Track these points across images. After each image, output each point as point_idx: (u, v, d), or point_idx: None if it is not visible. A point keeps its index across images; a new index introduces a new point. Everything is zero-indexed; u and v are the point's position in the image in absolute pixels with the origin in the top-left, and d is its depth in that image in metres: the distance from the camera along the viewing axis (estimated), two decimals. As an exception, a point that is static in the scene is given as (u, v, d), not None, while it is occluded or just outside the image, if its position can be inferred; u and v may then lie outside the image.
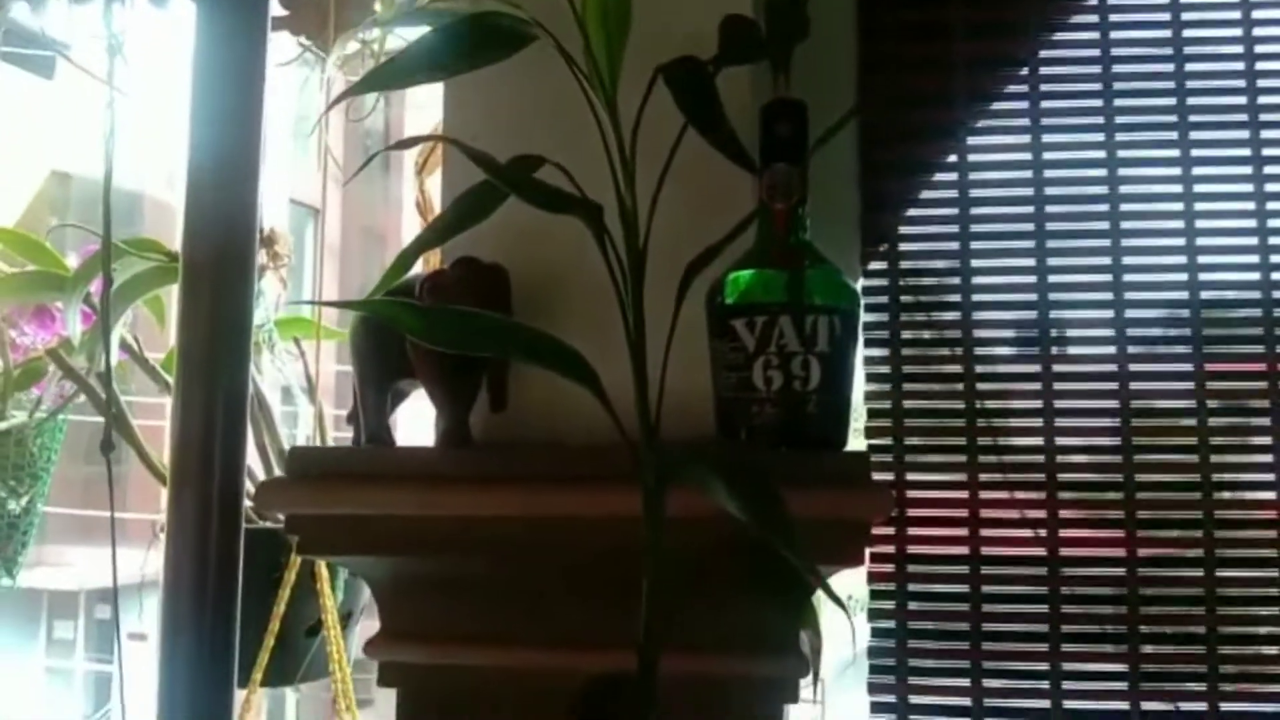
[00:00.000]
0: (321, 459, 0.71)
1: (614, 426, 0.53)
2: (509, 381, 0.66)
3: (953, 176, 1.12)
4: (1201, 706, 1.07)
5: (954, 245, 1.12)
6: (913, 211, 1.13)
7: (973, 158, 1.12)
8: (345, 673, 1.04)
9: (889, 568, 1.11)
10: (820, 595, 0.60)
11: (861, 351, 1.12)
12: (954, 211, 1.12)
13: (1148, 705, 1.08)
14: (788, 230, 0.59)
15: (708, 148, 0.56)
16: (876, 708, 1.11)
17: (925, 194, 1.13)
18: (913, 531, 1.12)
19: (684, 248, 0.55)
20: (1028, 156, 1.12)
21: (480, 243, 0.66)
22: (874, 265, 1.12)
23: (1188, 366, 1.09)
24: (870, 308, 1.13)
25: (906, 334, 1.13)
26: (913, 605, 1.11)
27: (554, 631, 0.58)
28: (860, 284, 1.11)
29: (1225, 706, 1.06)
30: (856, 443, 1.03)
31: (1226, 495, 1.12)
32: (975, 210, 1.12)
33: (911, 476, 1.12)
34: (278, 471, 1.10)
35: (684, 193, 0.57)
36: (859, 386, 1.11)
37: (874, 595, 1.11)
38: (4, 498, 1.16)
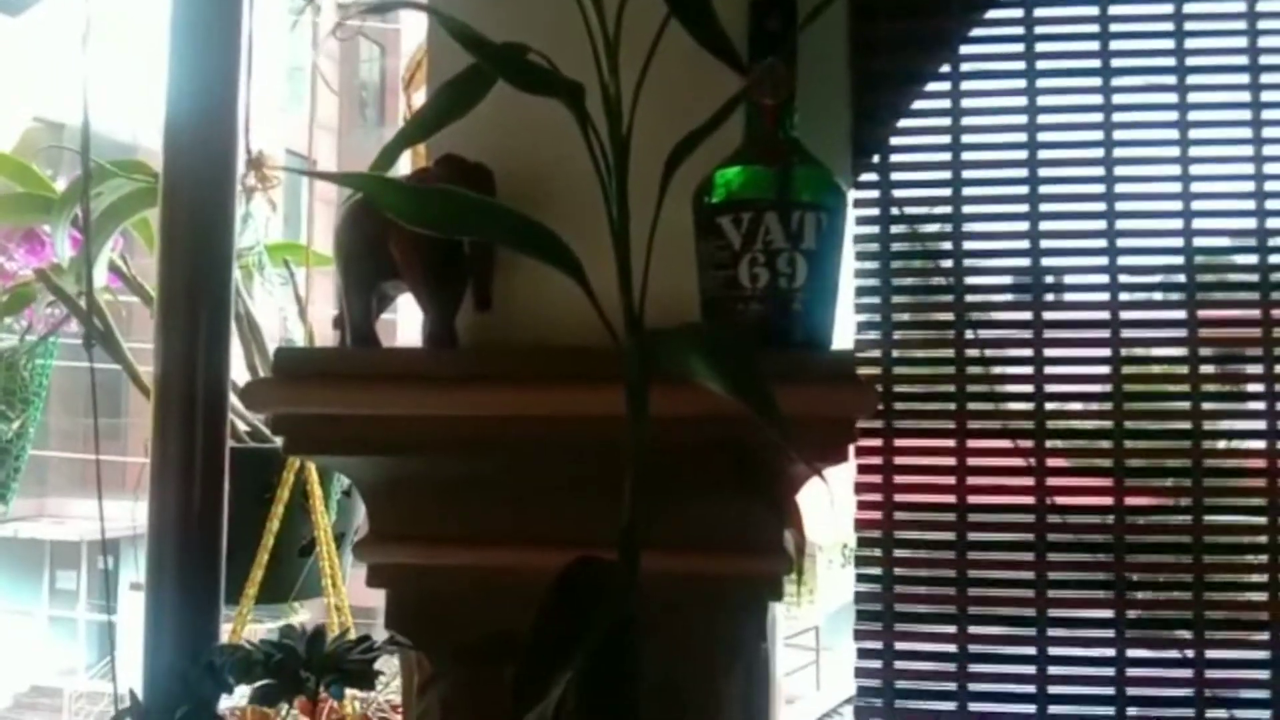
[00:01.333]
0: (307, 359, 0.70)
1: (599, 327, 0.53)
2: (493, 282, 0.66)
3: (946, 122, 1.11)
4: (1188, 654, 1.07)
5: (947, 191, 1.11)
6: (903, 157, 1.11)
7: (966, 103, 1.11)
8: (341, 590, 1.04)
9: (876, 515, 1.10)
10: (802, 495, 0.60)
11: (851, 297, 1.13)
12: (947, 158, 1.11)
13: (1134, 653, 1.08)
14: (776, 126, 0.58)
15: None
16: (864, 654, 1.11)
17: (919, 138, 1.12)
18: (900, 480, 1.11)
19: (668, 140, 0.54)
20: (1023, 102, 1.10)
21: (464, 143, 0.65)
22: (865, 194, 1.10)
23: (1180, 314, 1.09)
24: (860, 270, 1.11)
25: (898, 281, 1.12)
26: (900, 553, 1.11)
27: (541, 531, 0.57)
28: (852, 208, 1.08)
29: (1212, 654, 1.06)
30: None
31: (1221, 445, 1.12)
32: (967, 156, 1.11)
33: (901, 424, 1.12)
34: None
35: (669, 83, 0.55)
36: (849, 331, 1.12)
37: (861, 543, 1.11)
38: None
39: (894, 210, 1.06)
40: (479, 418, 0.61)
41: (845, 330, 1.10)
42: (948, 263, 1.11)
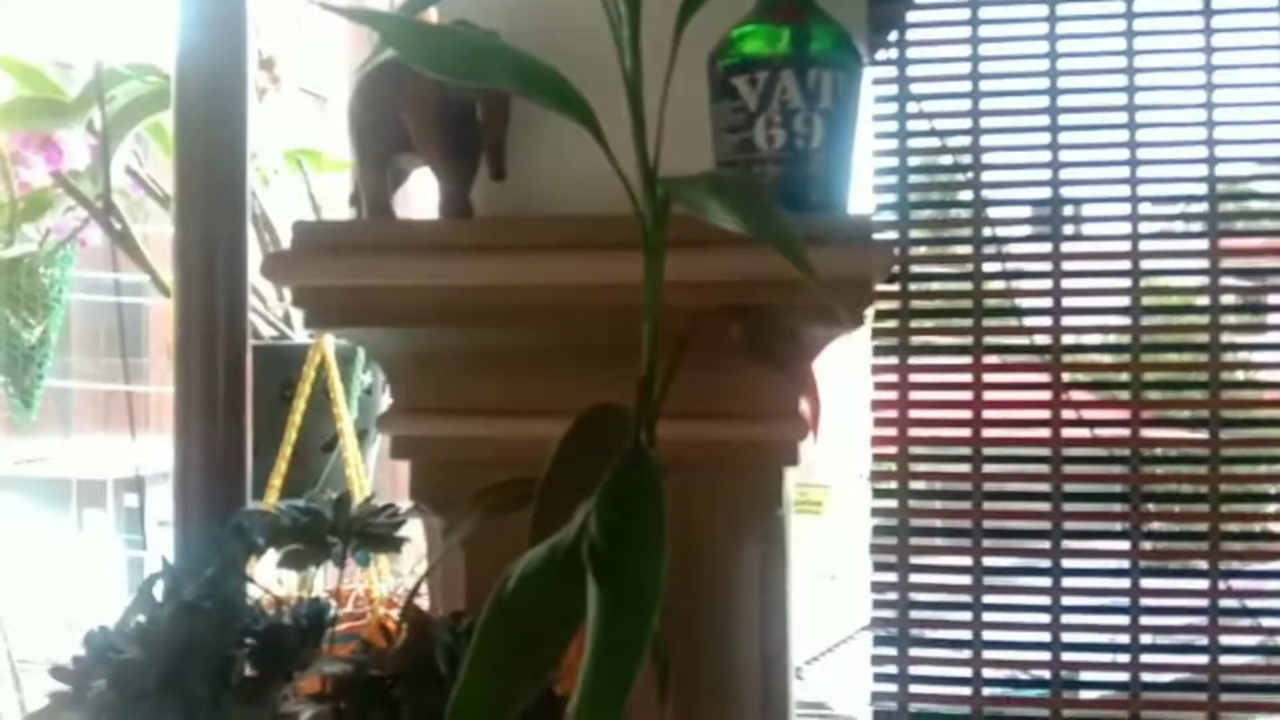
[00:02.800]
0: (326, 230, 0.71)
1: (614, 196, 0.53)
2: (508, 153, 0.66)
3: (965, 51, 1.11)
4: (1202, 584, 1.07)
5: (966, 123, 1.11)
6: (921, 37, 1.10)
7: (985, 31, 1.10)
8: (364, 484, 1.05)
9: (892, 432, 1.11)
10: (819, 363, 0.61)
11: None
12: (966, 87, 1.11)
13: (1148, 583, 1.08)
14: (793, -14, 0.58)
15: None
16: (878, 587, 1.11)
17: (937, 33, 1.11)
18: (916, 397, 1.11)
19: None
20: (1043, 29, 1.10)
21: (476, 8, 0.65)
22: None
23: (1202, 244, 1.08)
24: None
25: (915, 197, 1.11)
26: (916, 479, 1.11)
27: (562, 401, 0.58)
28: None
29: (1226, 601, 1.06)
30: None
31: (1239, 375, 1.11)
32: (986, 85, 1.11)
33: (916, 360, 1.12)
34: (288, 296, 1.10)
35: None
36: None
37: (876, 475, 1.11)
38: (18, 329, 1.17)
39: (911, 105, 1.05)
40: (496, 287, 0.62)
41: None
42: (965, 172, 1.11)
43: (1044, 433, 1.09)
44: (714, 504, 0.63)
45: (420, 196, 0.75)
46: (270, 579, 0.74)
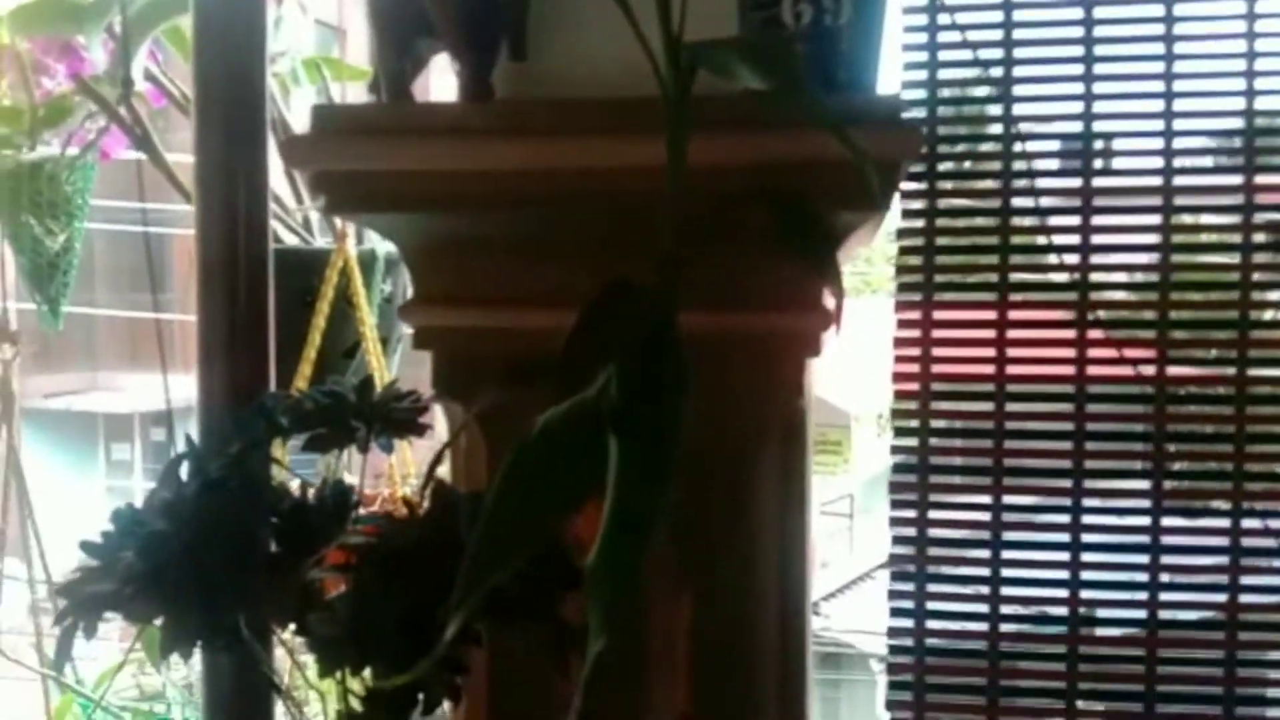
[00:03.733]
0: (345, 114, 0.71)
1: (636, 79, 0.52)
2: (529, 31, 0.66)
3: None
4: (1224, 523, 1.06)
5: (998, 53, 1.09)
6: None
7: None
8: None
9: (914, 369, 1.10)
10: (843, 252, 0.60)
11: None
12: (999, 17, 1.09)
13: (1169, 522, 1.08)
14: None
15: None
16: (897, 524, 1.11)
17: None
18: (938, 353, 1.11)
19: None
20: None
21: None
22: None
23: (1236, 179, 1.07)
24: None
25: (946, 159, 1.10)
26: (937, 420, 1.11)
27: (584, 290, 0.58)
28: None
29: (1247, 523, 1.06)
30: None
31: (1268, 315, 1.10)
32: (1020, 15, 1.09)
33: (940, 298, 1.11)
34: (308, 201, 1.11)
35: None
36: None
37: (897, 414, 1.11)
38: (41, 237, 1.18)
39: (942, 16, 1.03)
40: (517, 171, 0.61)
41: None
42: (995, 103, 1.10)
43: (1068, 371, 1.08)
44: (734, 395, 0.62)
45: (440, 82, 0.74)
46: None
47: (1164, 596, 1.07)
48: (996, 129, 1.10)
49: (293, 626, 0.62)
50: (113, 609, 0.61)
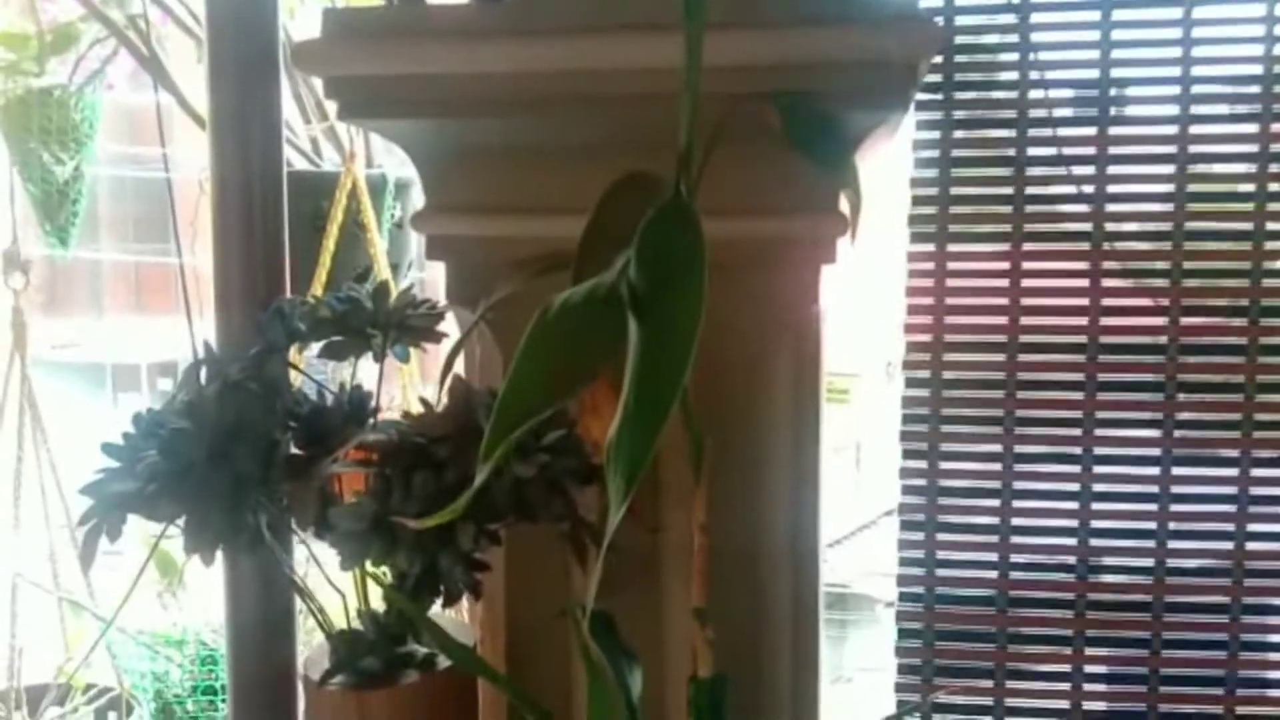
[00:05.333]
0: (356, 17, 0.71)
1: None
2: None
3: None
4: (1233, 472, 1.07)
5: (1015, -1, 1.09)
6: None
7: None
8: None
9: (927, 320, 1.11)
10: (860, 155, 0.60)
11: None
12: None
13: (1178, 471, 1.08)
14: None
15: None
16: (907, 474, 1.12)
17: None
18: (951, 303, 1.11)
19: None
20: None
21: None
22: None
23: (1253, 128, 1.07)
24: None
25: (960, 106, 1.10)
26: (948, 375, 1.11)
27: (597, 198, 0.58)
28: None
29: (1256, 472, 1.06)
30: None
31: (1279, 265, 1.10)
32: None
33: (954, 248, 1.11)
34: (315, 124, 1.11)
35: None
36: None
37: (909, 364, 1.11)
38: (50, 164, 1.18)
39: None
40: (529, 73, 0.61)
41: (901, 143, 1.09)
42: (1012, 74, 1.10)
43: (1081, 321, 1.09)
44: (749, 301, 0.63)
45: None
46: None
47: (1171, 545, 1.08)
48: (1012, 75, 1.09)
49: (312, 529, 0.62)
50: (135, 508, 0.62)
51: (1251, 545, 1.07)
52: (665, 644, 0.72)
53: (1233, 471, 1.07)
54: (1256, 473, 1.07)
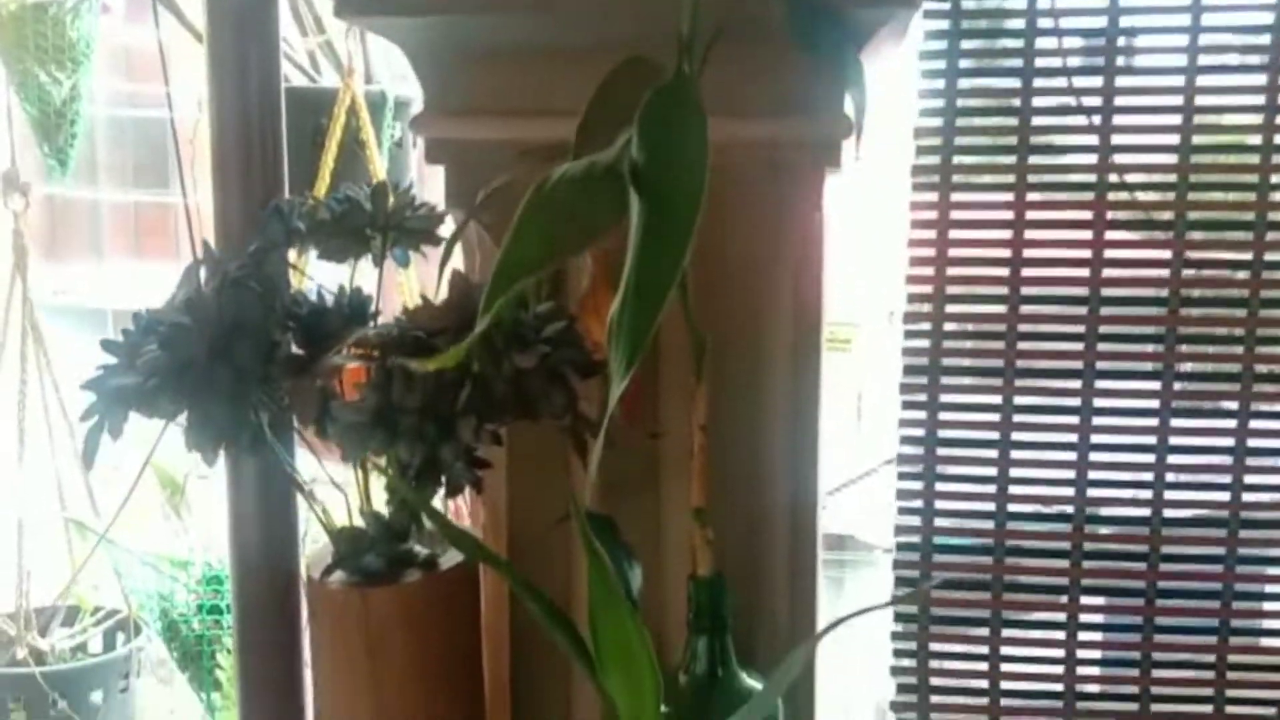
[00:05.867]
0: None
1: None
2: None
3: None
4: (1231, 424, 1.07)
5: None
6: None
7: None
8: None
9: (927, 289, 1.10)
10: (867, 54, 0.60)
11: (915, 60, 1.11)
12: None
13: (1177, 423, 1.08)
14: None
15: None
16: (906, 424, 1.12)
17: None
18: (954, 254, 1.11)
19: None
20: None
21: None
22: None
23: (1260, 79, 1.06)
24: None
25: (967, 56, 1.10)
26: (948, 325, 1.11)
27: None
28: None
29: (1255, 424, 1.06)
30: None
31: (1282, 217, 1.10)
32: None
33: (957, 197, 1.11)
34: (313, 38, 1.10)
35: None
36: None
37: (909, 314, 1.11)
38: (47, 84, 1.17)
39: None
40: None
41: (907, 88, 1.09)
42: (1019, 22, 1.09)
43: (1083, 272, 1.09)
44: (749, 207, 0.63)
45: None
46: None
47: (1169, 495, 1.08)
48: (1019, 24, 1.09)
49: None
50: (136, 404, 0.62)
51: (1248, 496, 1.07)
52: (665, 550, 0.72)
53: (1231, 423, 1.07)
54: (1255, 424, 1.07)
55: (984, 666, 1.11)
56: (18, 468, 1.40)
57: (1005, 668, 1.11)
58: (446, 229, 0.68)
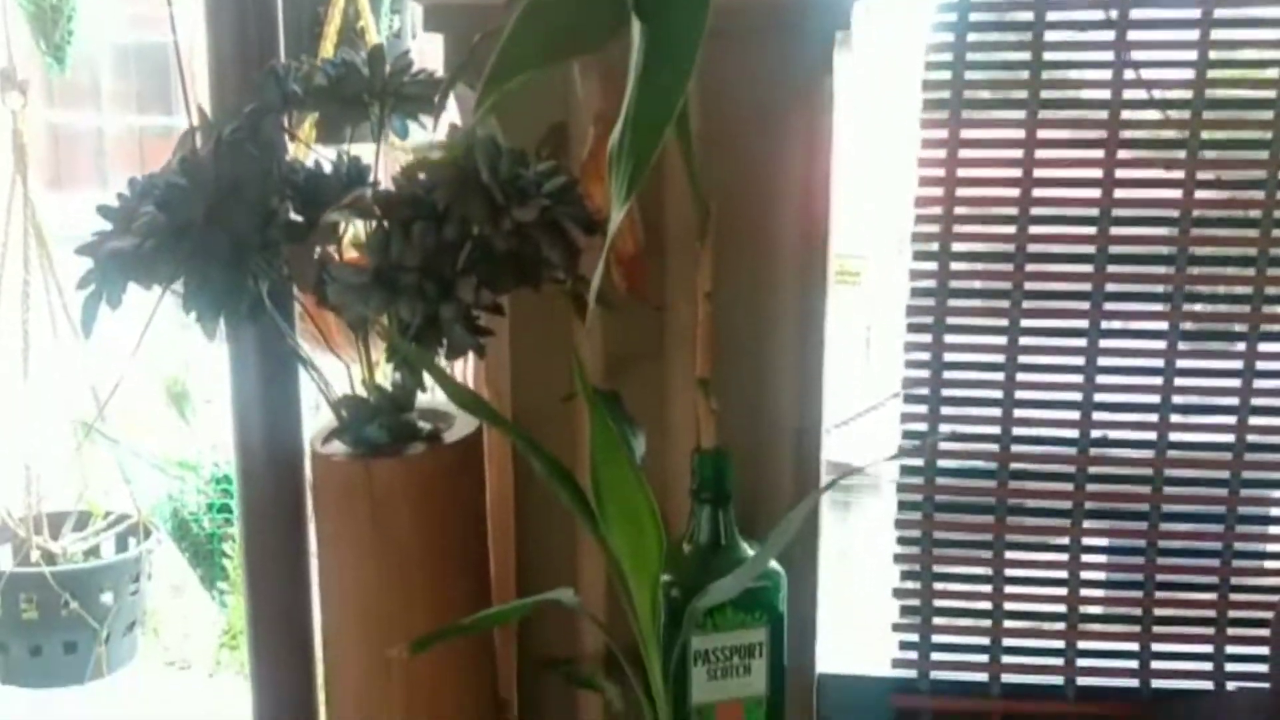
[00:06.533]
0: None
1: None
2: None
3: None
4: (1240, 347, 1.06)
5: None
6: None
7: None
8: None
9: (936, 210, 1.09)
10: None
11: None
12: None
13: (1185, 347, 1.07)
14: None
15: None
16: (912, 348, 1.10)
17: None
18: (963, 174, 1.10)
19: None
20: None
21: None
22: None
23: (1275, 11, 1.04)
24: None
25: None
26: (957, 247, 1.10)
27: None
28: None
29: (1264, 347, 1.05)
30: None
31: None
32: None
33: (968, 115, 1.10)
34: None
35: None
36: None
37: (918, 237, 1.10)
38: None
39: None
40: None
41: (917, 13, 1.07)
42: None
43: (1094, 194, 1.07)
44: (757, 68, 0.61)
45: None
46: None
47: (1174, 420, 1.07)
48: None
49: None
50: (133, 270, 0.61)
51: (1255, 420, 1.07)
52: (669, 427, 0.72)
53: (1239, 347, 1.06)
54: (1264, 347, 1.06)
55: (987, 589, 1.11)
56: (23, 372, 1.40)
57: (1009, 589, 1.11)
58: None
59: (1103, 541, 1.10)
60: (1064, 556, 1.10)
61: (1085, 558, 1.09)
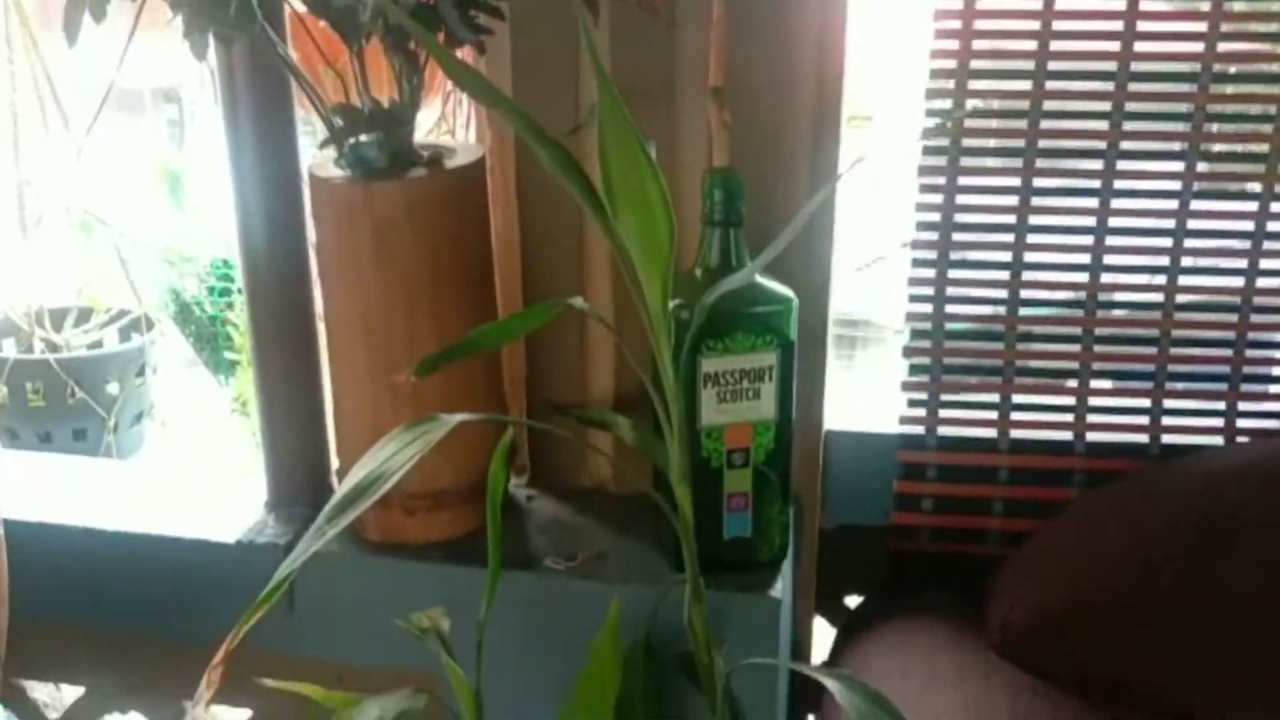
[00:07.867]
0: None
1: None
2: None
3: None
4: (1252, 206, 1.05)
5: None
6: None
7: None
8: None
9: (951, 64, 1.05)
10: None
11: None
12: None
13: (1197, 205, 1.06)
14: None
15: None
16: (923, 208, 1.08)
17: None
18: (980, 26, 1.06)
19: None
20: None
21: None
22: None
23: None
24: None
25: None
26: (971, 102, 1.07)
27: None
28: None
29: (1276, 207, 1.04)
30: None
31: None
32: None
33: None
34: None
35: None
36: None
37: (932, 93, 1.07)
38: None
39: None
40: None
41: None
42: None
43: (1114, 46, 1.04)
44: None
45: None
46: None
47: (1182, 281, 1.07)
48: None
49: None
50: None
51: (1262, 282, 1.07)
52: (678, 152, 0.69)
53: (1252, 206, 1.05)
54: (1276, 207, 1.05)
55: (998, 346, 1.09)
56: (14, 159, 1.33)
57: (1020, 346, 1.09)
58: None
59: (1107, 402, 1.10)
60: (1070, 417, 1.10)
61: (1090, 418, 1.10)
